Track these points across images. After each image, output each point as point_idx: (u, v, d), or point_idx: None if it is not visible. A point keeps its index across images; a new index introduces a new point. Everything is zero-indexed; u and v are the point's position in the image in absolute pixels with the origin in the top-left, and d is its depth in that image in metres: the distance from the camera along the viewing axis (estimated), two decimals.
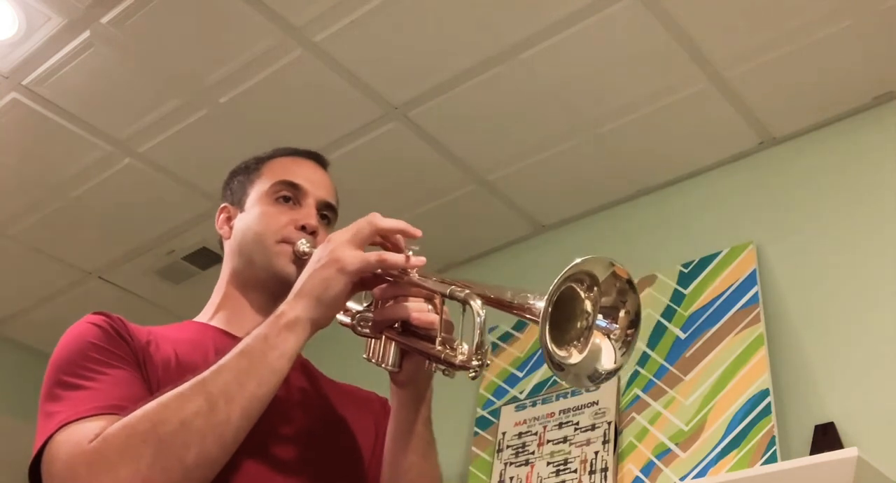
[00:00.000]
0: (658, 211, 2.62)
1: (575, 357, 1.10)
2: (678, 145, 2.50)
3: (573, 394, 2.39)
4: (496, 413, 2.52)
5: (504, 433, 2.44)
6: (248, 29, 2.20)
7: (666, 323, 2.36)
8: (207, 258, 2.98)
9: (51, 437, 1.09)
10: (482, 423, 2.54)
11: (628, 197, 2.68)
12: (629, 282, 1.12)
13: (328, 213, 1.41)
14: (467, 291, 1.12)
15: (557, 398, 2.41)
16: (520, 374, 2.56)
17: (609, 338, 1.12)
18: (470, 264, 2.93)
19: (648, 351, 2.35)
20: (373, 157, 2.57)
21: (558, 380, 1.28)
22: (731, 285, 2.30)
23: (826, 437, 1.97)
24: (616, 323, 1.13)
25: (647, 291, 2.45)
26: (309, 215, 1.36)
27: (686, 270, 2.42)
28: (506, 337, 2.66)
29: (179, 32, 2.23)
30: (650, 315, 2.40)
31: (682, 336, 2.31)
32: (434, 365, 1.19)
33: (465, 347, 1.14)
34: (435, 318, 1.17)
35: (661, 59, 2.23)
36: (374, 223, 1.18)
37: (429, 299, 1.19)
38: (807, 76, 2.27)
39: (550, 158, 2.55)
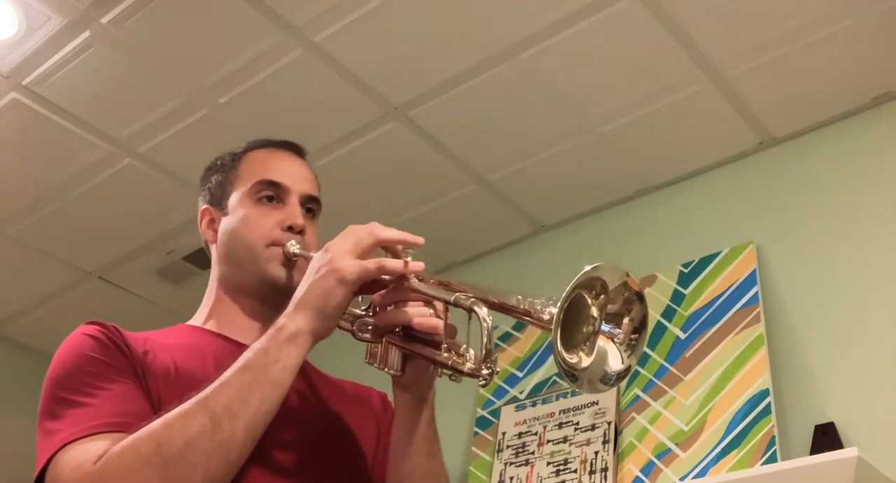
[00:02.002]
0: (658, 211, 2.62)
1: (584, 361, 1.10)
2: (678, 145, 2.50)
3: (573, 394, 2.39)
4: (496, 413, 2.52)
5: (504, 433, 2.44)
6: (248, 29, 2.20)
7: (666, 323, 2.36)
8: (207, 258, 2.97)
9: (52, 456, 1.08)
10: (482, 423, 2.54)
11: (628, 197, 2.68)
12: (638, 294, 1.13)
13: (312, 206, 1.40)
14: (472, 298, 1.11)
15: (557, 398, 2.41)
16: (520, 374, 2.56)
17: (613, 341, 1.12)
18: (470, 264, 2.93)
19: (648, 351, 2.35)
20: (373, 157, 2.57)
21: (573, 388, 1.28)
22: (731, 285, 2.30)
23: (826, 437, 1.97)
24: (619, 328, 1.13)
25: (647, 291, 2.45)
26: (294, 214, 1.34)
27: (686, 270, 2.42)
28: (506, 337, 2.66)
29: (179, 32, 2.23)
30: (650, 315, 2.40)
31: (682, 336, 2.31)
32: (440, 370, 1.18)
33: (472, 353, 1.14)
34: (438, 322, 1.16)
35: (661, 59, 2.23)
36: (375, 234, 1.17)
37: (428, 303, 1.17)
38: (807, 76, 2.27)
39: (550, 158, 2.55)
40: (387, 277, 1.17)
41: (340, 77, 2.33)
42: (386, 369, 1.21)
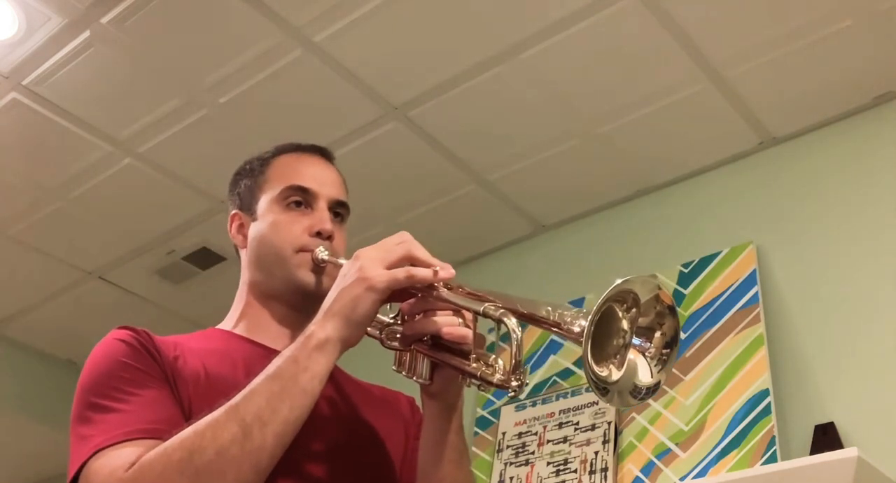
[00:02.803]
0: (658, 211, 2.62)
1: (615, 374, 1.09)
2: (678, 145, 2.50)
3: (573, 394, 2.39)
4: (496, 413, 2.52)
5: (504, 433, 2.44)
6: (248, 29, 2.20)
7: None
8: (207, 258, 2.98)
9: (85, 463, 1.09)
10: (482, 423, 2.54)
11: (628, 197, 2.68)
12: (671, 308, 1.11)
13: (341, 211, 1.40)
14: (502, 309, 1.10)
15: (557, 398, 2.41)
16: None
17: (644, 355, 1.12)
18: (470, 264, 2.93)
19: None
20: (373, 157, 2.57)
21: (604, 402, 1.27)
22: (731, 285, 2.30)
23: (826, 437, 1.97)
24: (650, 342, 1.12)
25: None
26: (323, 220, 1.34)
27: (686, 270, 2.42)
28: (506, 337, 2.64)
29: (179, 32, 2.23)
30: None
31: (682, 336, 2.31)
32: (469, 380, 1.17)
33: (501, 363, 1.13)
34: (467, 332, 1.16)
35: (661, 59, 2.23)
36: (409, 250, 1.16)
37: (457, 312, 1.17)
38: (807, 76, 2.27)
39: (550, 158, 2.55)
40: (416, 286, 1.17)
41: (340, 77, 2.33)
42: (414, 378, 1.21)
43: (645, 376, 1.11)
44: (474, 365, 1.15)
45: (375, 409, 1.36)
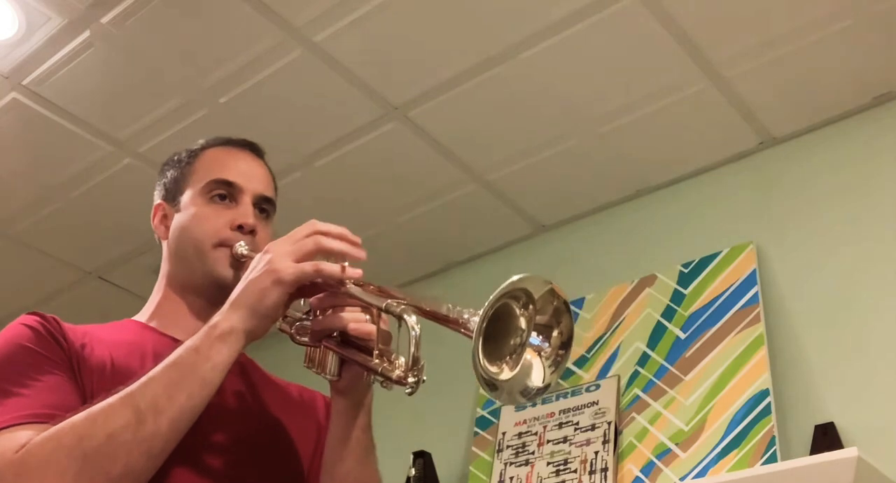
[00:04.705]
0: (658, 211, 2.62)
1: (506, 373, 1.10)
2: (678, 145, 2.50)
3: (573, 394, 2.39)
4: (496, 413, 2.52)
5: (504, 433, 2.44)
6: (248, 29, 2.20)
7: (666, 323, 2.36)
8: None
9: None
10: (482, 423, 2.54)
11: (628, 197, 2.68)
12: (565, 303, 1.12)
13: (266, 207, 1.39)
14: (403, 306, 1.11)
15: (557, 398, 2.41)
16: None
17: (540, 355, 1.12)
18: (470, 264, 2.93)
19: (648, 351, 2.35)
20: (373, 157, 2.57)
21: (490, 398, 1.28)
22: (731, 285, 2.30)
23: (826, 437, 1.97)
24: (548, 342, 1.12)
25: (646, 291, 2.45)
26: (246, 214, 1.34)
27: (686, 270, 2.42)
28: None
29: (180, 32, 2.23)
30: (650, 315, 2.40)
31: (682, 336, 2.31)
32: (372, 376, 1.19)
33: (402, 361, 1.14)
34: (372, 328, 1.16)
35: (661, 59, 2.23)
36: (319, 243, 1.16)
37: (366, 309, 1.18)
38: (807, 76, 2.27)
39: (550, 158, 2.55)
40: (324, 281, 1.17)
41: (340, 77, 2.33)
42: (323, 374, 1.21)
43: (538, 377, 1.12)
44: (376, 361, 1.15)
45: (289, 406, 1.35)
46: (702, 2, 2.10)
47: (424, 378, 1.11)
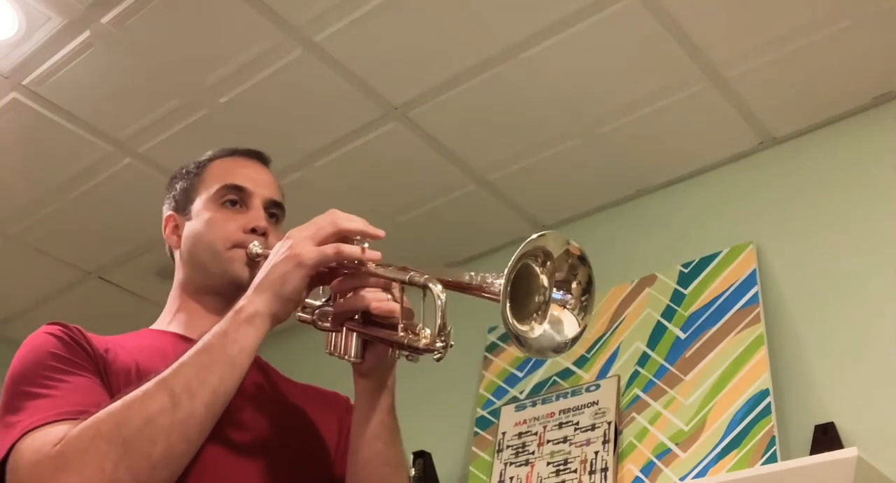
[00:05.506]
0: (658, 211, 2.62)
1: (536, 330, 1.14)
2: (678, 145, 2.50)
3: (573, 394, 2.39)
4: (496, 413, 2.52)
5: (504, 433, 2.44)
6: (248, 29, 2.20)
7: (666, 323, 2.36)
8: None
9: (13, 446, 1.09)
10: (482, 423, 2.54)
11: (628, 197, 2.68)
12: (581, 257, 1.18)
13: (276, 211, 1.42)
14: (426, 276, 1.14)
15: (557, 398, 2.41)
16: (520, 374, 2.56)
17: (566, 308, 1.16)
18: (470, 264, 2.93)
19: (648, 351, 2.35)
20: (373, 157, 2.57)
21: (524, 353, 1.32)
22: (731, 285, 2.30)
23: (826, 437, 1.97)
24: (570, 294, 1.17)
25: (646, 291, 2.45)
26: (257, 217, 1.37)
27: (686, 270, 2.42)
28: (505, 337, 2.66)
29: (179, 32, 2.23)
30: (650, 315, 2.40)
31: (682, 336, 2.31)
32: (398, 351, 1.21)
33: (427, 332, 1.16)
34: (395, 305, 1.18)
35: (661, 59, 2.23)
36: (337, 223, 1.19)
37: (386, 288, 1.20)
38: (807, 76, 2.27)
39: (550, 158, 2.55)
40: (344, 264, 1.19)
41: (340, 77, 2.33)
42: (346, 357, 1.23)
43: (570, 328, 1.16)
44: (401, 334, 1.17)
45: (308, 401, 1.38)
46: (702, 2, 2.10)
47: (452, 343, 1.14)
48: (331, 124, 2.48)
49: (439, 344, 1.13)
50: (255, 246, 1.33)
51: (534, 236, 1.12)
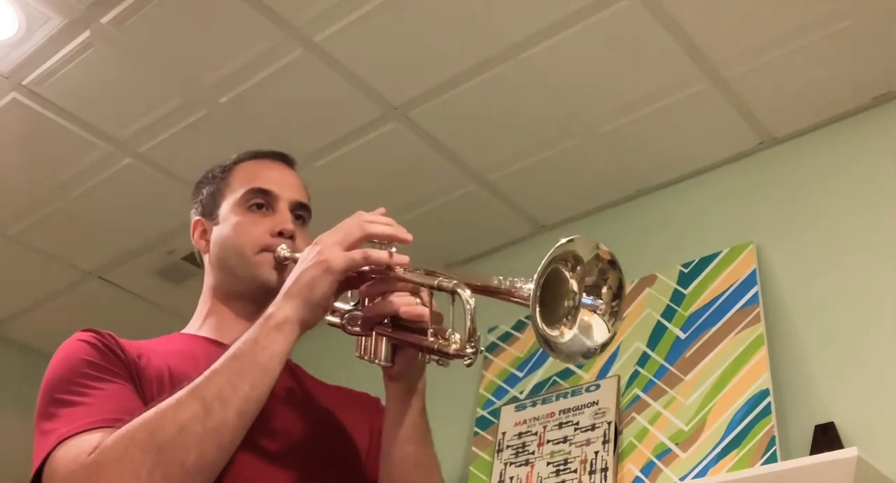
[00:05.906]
0: (658, 211, 2.62)
1: (566, 335, 1.13)
2: (678, 145, 2.51)
3: (573, 394, 2.39)
4: (496, 413, 2.52)
5: (504, 433, 2.44)
6: (248, 29, 2.20)
7: (666, 323, 2.36)
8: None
9: (49, 454, 1.10)
10: (482, 423, 2.54)
11: (628, 197, 2.68)
12: (611, 262, 1.16)
13: (302, 213, 1.42)
14: (455, 281, 1.14)
15: (557, 398, 2.41)
16: (520, 374, 2.56)
17: (596, 313, 1.16)
18: (470, 264, 2.93)
19: (648, 351, 2.35)
20: (373, 157, 2.57)
21: (554, 358, 1.32)
22: (731, 285, 2.30)
23: (826, 437, 1.97)
24: (601, 299, 1.16)
25: (646, 291, 2.45)
26: (284, 220, 1.37)
27: (686, 270, 2.42)
28: (505, 337, 2.66)
29: (179, 32, 2.23)
30: (650, 315, 2.40)
31: (682, 336, 2.31)
32: (428, 356, 1.21)
33: (457, 336, 1.16)
34: (424, 310, 1.19)
35: (661, 59, 2.23)
36: (364, 228, 1.20)
37: (415, 292, 1.20)
38: (807, 76, 2.27)
39: (550, 158, 2.55)
40: (373, 268, 1.20)
41: (340, 77, 2.33)
42: (377, 361, 1.23)
43: (600, 334, 1.15)
44: (431, 339, 1.17)
45: (339, 403, 1.38)
46: (702, 2, 2.10)
47: (482, 348, 1.15)
48: (331, 124, 2.48)
49: (469, 349, 1.14)
50: (283, 249, 1.33)
51: (563, 240, 1.12)
